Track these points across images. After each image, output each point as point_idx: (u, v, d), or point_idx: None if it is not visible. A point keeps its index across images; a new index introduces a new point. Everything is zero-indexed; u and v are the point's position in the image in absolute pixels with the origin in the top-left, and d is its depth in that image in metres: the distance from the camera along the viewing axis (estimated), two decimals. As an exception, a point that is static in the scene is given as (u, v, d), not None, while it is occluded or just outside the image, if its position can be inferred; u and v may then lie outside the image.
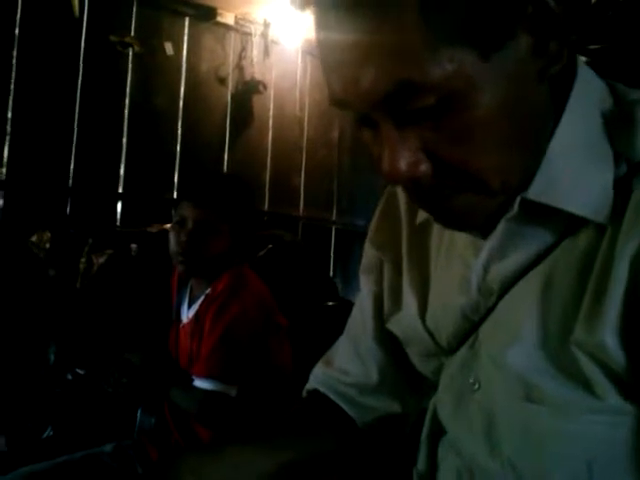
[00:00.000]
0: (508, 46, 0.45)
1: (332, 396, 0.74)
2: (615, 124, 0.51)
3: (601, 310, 0.47)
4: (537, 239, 0.53)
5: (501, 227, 0.53)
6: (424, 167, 0.48)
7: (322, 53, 0.49)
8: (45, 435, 1.88)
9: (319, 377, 0.76)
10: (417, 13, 0.43)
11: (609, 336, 0.47)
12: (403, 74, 0.44)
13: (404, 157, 0.48)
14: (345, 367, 0.74)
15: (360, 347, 0.73)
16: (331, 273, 3.85)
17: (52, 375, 2.08)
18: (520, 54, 0.46)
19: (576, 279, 0.50)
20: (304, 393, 0.78)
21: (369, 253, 0.73)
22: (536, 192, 0.51)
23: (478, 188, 0.49)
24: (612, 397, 0.49)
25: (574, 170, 0.50)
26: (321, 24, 0.48)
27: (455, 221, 0.54)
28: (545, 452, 0.52)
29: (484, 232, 0.56)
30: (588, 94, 0.52)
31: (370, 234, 0.74)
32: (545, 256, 0.53)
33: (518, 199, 0.51)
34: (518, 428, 0.54)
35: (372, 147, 0.51)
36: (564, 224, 0.51)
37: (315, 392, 0.76)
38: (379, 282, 0.71)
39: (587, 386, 0.49)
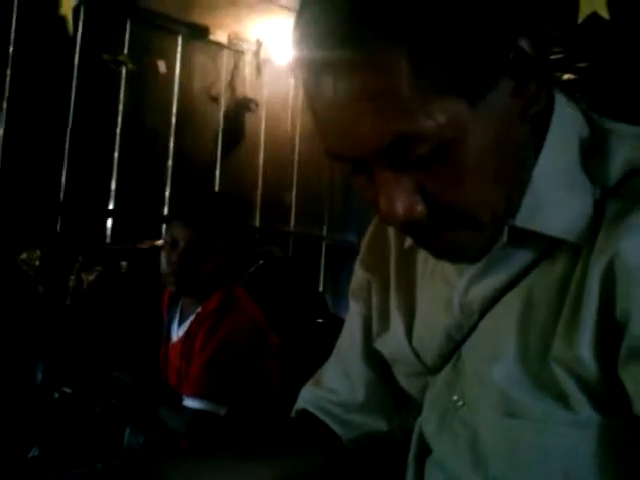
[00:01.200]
0: (493, 92, 0.48)
1: (319, 414, 0.75)
2: (590, 153, 0.54)
3: (577, 325, 0.50)
4: (518, 261, 0.56)
5: (490, 253, 0.56)
6: (419, 209, 0.50)
7: (315, 109, 0.51)
8: (31, 455, 1.85)
9: (307, 397, 0.78)
10: (409, 70, 0.45)
11: (585, 350, 0.50)
12: (398, 128, 0.46)
13: (400, 201, 0.50)
14: (333, 386, 0.76)
15: (348, 367, 0.75)
16: (321, 289, 3.85)
17: (39, 394, 2.06)
18: (504, 98, 0.49)
19: (554, 297, 0.53)
20: (293, 413, 0.79)
21: (358, 274, 0.76)
22: (522, 219, 0.54)
23: (470, 224, 0.52)
24: (585, 409, 0.51)
25: (554, 197, 0.53)
26: (314, 84, 0.49)
27: (450, 255, 0.56)
28: (526, 465, 0.54)
29: (474, 261, 0.58)
30: (565, 125, 0.55)
31: (360, 256, 0.76)
32: (525, 276, 0.55)
33: (506, 228, 0.54)
34: (501, 443, 0.55)
35: (366, 191, 0.53)
36: (542, 246, 0.54)
37: (303, 412, 0.77)
38: (367, 303, 0.73)
39: (564, 400, 0.51)
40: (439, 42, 0.45)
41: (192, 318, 1.43)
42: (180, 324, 1.48)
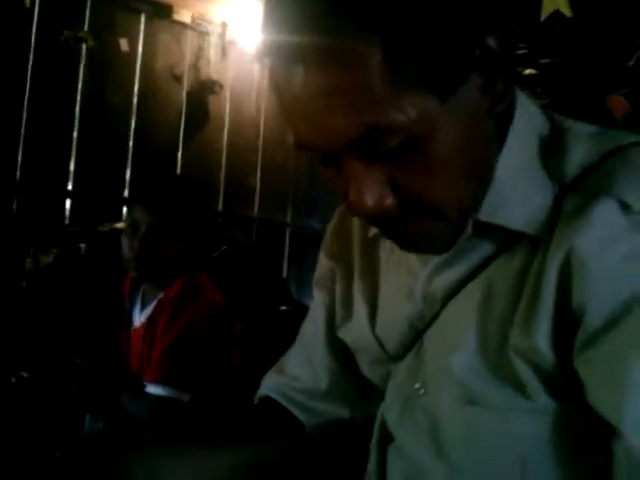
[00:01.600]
0: (462, 88, 0.49)
1: (282, 401, 0.76)
2: (549, 150, 0.56)
3: (534, 316, 0.52)
4: (479, 252, 0.57)
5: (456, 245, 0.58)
6: (389, 201, 0.51)
7: (283, 99, 0.50)
8: (-14, 441, 1.81)
9: (270, 384, 0.78)
10: (382, 64, 0.46)
11: (542, 340, 0.51)
12: (370, 121, 0.47)
13: (370, 193, 0.51)
14: (296, 374, 0.76)
15: (311, 354, 0.76)
16: (285, 275, 3.86)
17: (-6, 378, 2.01)
18: (473, 94, 0.50)
19: (513, 288, 0.55)
20: (255, 400, 0.80)
21: (322, 263, 0.76)
22: (485, 214, 0.56)
23: (437, 217, 0.53)
24: (541, 397, 0.53)
25: (515, 192, 0.55)
26: (283, 73, 0.49)
27: (416, 246, 0.58)
28: (485, 453, 0.56)
29: (440, 253, 0.60)
30: (526, 123, 0.57)
31: (324, 245, 0.77)
32: (485, 267, 0.57)
33: (471, 222, 0.56)
34: (461, 431, 0.57)
35: (334, 183, 0.54)
36: (503, 239, 0.56)
37: (266, 398, 0.78)
38: (331, 291, 0.74)
39: (521, 388, 0.53)
40: (411, 37, 0.46)
41: (154, 304, 1.42)
42: (142, 309, 1.46)
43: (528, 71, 3.08)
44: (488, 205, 0.55)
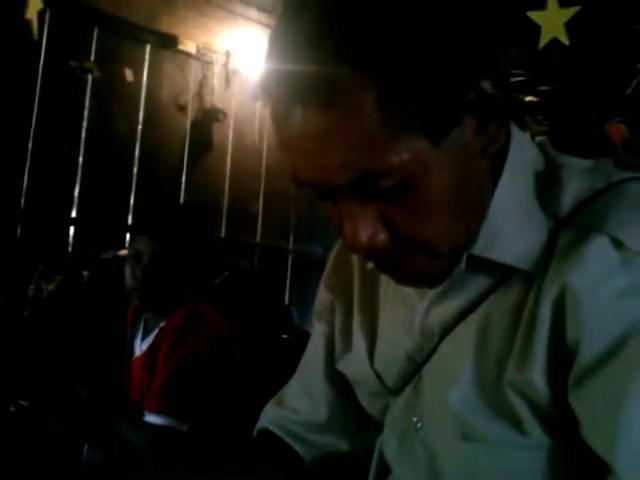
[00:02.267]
0: (456, 130, 0.51)
1: (281, 434, 0.76)
2: (544, 185, 0.57)
3: (530, 351, 0.52)
4: (475, 287, 0.58)
5: (449, 278, 0.58)
6: (382, 237, 0.53)
7: (281, 137, 0.52)
8: (-16, 470, 1.79)
9: (269, 416, 0.78)
10: (376, 109, 0.47)
11: (537, 375, 0.52)
12: (364, 165, 0.49)
13: (364, 229, 0.52)
14: (295, 406, 0.76)
15: (311, 386, 0.76)
16: (287, 301, 3.85)
17: (-6, 406, 2.00)
18: (466, 136, 0.52)
19: (509, 322, 0.55)
20: (254, 432, 0.79)
21: (323, 295, 0.77)
22: (479, 249, 0.56)
23: (429, 253, 0.54)
24: (537, 433, 0.53)
25: (509, 228, 0.56)
26: (282, 114, 0.51)
27: (409, 280, 0.59)
28: None
29: (433, 286, 0.60)
30: (521, 159, 0.58)
31: (324, 277, 0.77)
32: (482, 301, 0.58)
33: (465, 256, 0.56)
34: (458, 465, 0.57)
35: (331, 213, 0.55)
36: (499, 274, 0.57)
37: (265, 431, 0.78)
38: (331, 324, 0.74)
39: (517, 423, 0.53)
40: (406, 81, 0.47)
41: (156, 332, 1.42)
42: (144, 338, 1.46)
43: (529, 98, 3.12)
44: (482, 240, 0.56)
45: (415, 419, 0.62)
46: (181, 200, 3.47)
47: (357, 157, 0.48)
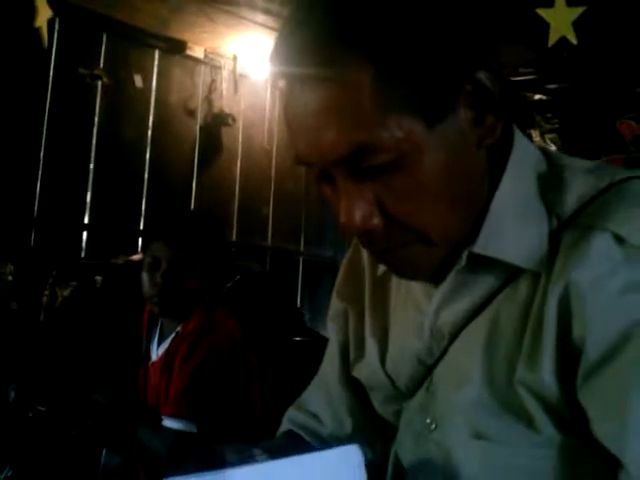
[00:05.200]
0: (450, 118, 0.53)
1: (308, 438, 0.76)
2: (547, 185, 0.58)
3: (538, 350, 0.53)
4: (483, 287, 0.59)
5: (451, 277, 0.59)
6: (376, 220, 0.54)
7: (288, 119, 0.55)
8: (3, 476, 1.82)
9: (293, 420, 0.79)
10: (372, 87, 0.50)
11: (546, 373, 0.53)
12: (359, 138, 0.51)
13: (358, 209, 0.54)
14: (319, 415, 0.77)
15: (331, 396, 0.76)
16: (299, 304, 3.86)
17: (12, 412, 2.02)
18: (461, 125, 0.53)
19: (517, 322, 0.56)
20: (277, 435, 0.80)
21: (335, 304, 0.78)
22: (481, 246, 0.57)
23: (421, 240, 0.56)
24: (549, 430, 0.54)
25: (512, 225, 0.57)
26: (287, 94, 0.54)
27: (404, 269, 0.60)
28: None
29: (435, 281, 0.61)
30: (524, 160, 0.59)
31: (336, 286, 0.78)
32: (490, 302, 0.58)
33: (466, 252, 0.57)
34: (473, 465, 0.58)
35: (331, 200, 0.57)
36: (506, 273, 0.58)
37: (289, 432, 0.78)
38: (345, 331, 0.75)
39: (529, 421, 0.54)
40: (403, 64, 0.50)
41: (172, 337, 1.43)
42: (160, 343, 1.47)
43: (538, 96, 3.12)
44: (483, 238, 0.57)
45: (429, 420, 0.63)
46: (192, 204, 3.49)
47: (351, 131, 0.50)
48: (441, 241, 0.56)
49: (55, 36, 2.90)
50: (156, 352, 1.46)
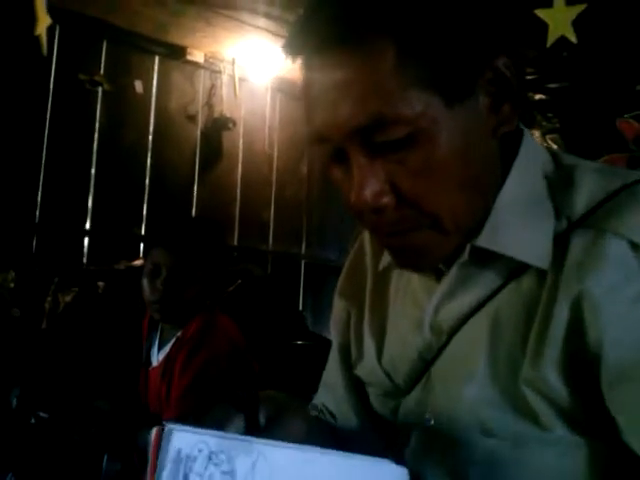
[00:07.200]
0: (469, 101, 0.53)
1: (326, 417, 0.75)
2: (556, 185, 0.58)
3: (544, 348, 0.52)
4: (485, 282, 0.58)
5: (453, 270, 0.59)
6: (387, 199, 0.53)
7: (306, 92, 0.55)
8: (6, 482, 1.81)
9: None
10: (394, 59, 0.50)
11: (551, 372, 0.52)
12: (378, 108, 0.51)
13: (371, 186, 0.53)
14: (333, 413, 0.76)
15: (336, 397, 0.76)
16: (300, 307, 3.85)
17: (14, 419, 2.02)
18: (478, 110, 0.54)
19: (521, 319, 0.55)
20: None
21: (337, 304, 0.77)
22: (485, 239, 0.57)
23: (433, 225, 0.55)
24: (559, 429, 0.53)
25: (518, 221, 0.56)
26: (307, 66, 0.54)
27: (411, 259, 0.58)
28: None
29: (437, 274, 0.61)
30: (532, 158, 0.59)
31: (338, 287, 0.78)
32: (492, 297, 0.58)
33: (468, 246, 0.57)
34: (479, 460, 0.57)
35: (342, 184, 0.56)
36: (509, 269, 0.57)
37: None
38: (345, 333, 0.75)
39: (535, 418, 0.53)
40: (424, 41, 0.51)
41: (172, 342, 1.43)
42: (160, 349, 1.47)
43: (539, 96, 3.11)
44: (487, 231, 0.56)
45: (427, 416, 0.62)
46: (193, 208, 3.50)
47: (371, 101, 0.50)
48: (452, 229, 0.55)
49: (55, 43, 2.91)
50: (156, 357, 1.46)
